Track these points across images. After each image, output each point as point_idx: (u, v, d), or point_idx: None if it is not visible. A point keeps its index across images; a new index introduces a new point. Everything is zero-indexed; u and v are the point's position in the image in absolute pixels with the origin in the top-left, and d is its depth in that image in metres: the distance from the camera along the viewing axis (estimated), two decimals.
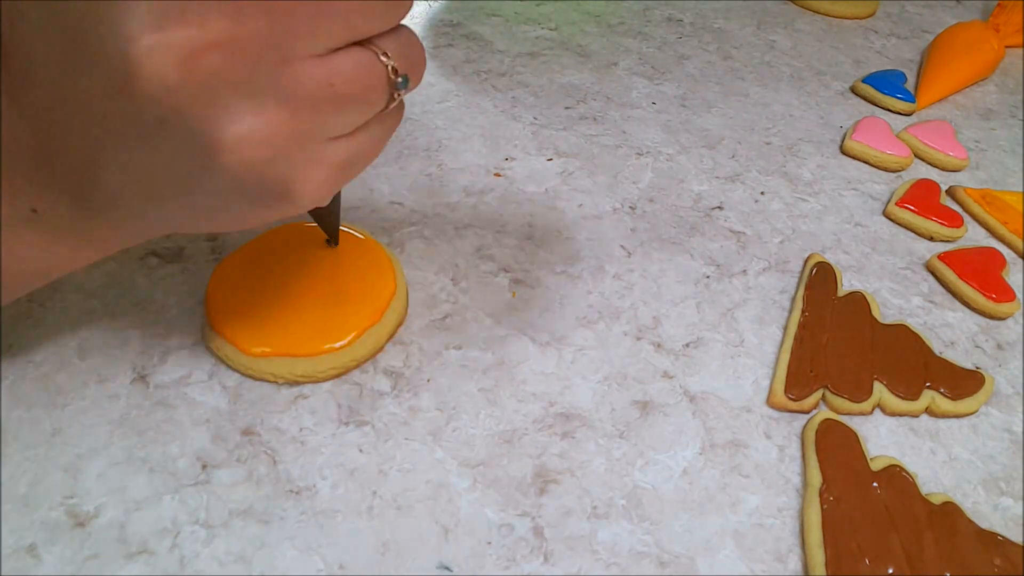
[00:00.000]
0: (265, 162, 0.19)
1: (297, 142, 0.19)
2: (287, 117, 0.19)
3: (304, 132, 0.19)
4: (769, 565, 0.25)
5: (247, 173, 0.19)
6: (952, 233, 0.39)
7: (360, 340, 0.29)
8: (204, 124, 0.18)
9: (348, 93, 0.20)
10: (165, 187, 0.20)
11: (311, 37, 0.18)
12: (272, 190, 0.20)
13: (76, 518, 0.24)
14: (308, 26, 0.18)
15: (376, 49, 0.20)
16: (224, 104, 0.18)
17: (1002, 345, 0.34)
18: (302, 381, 0.29)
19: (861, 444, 0.29)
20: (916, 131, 0.46)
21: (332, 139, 0.21)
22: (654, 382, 0.31)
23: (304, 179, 0.20)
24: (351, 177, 0.23)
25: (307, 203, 0.21)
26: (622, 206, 0.39)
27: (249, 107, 0.18)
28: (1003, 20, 0.57)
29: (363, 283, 0.31)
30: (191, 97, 0.17)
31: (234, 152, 0.18)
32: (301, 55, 0.18)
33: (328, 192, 0.21)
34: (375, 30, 0.20)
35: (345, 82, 0.19)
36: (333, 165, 0.21)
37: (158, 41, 0.16)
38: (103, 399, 0.28)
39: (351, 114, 0.20)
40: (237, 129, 0.18)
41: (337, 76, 0.19)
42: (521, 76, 0.48)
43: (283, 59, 0.18)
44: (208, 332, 0.29)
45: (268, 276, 0.31)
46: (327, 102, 0.19)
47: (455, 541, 0.25)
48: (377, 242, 0.33)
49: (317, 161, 0.20)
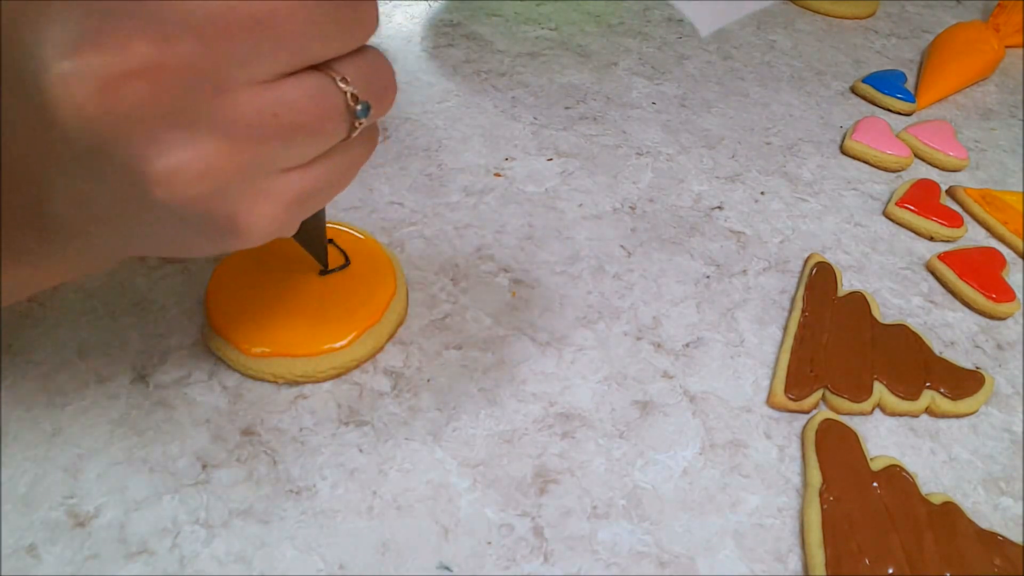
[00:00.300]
0: (203, 197, 0.17)
1: (240, 175, 0.18)
2: (225, 150, 0.17)
3: (248, 165, 0.18)
4: (769, 565, 0.25)
5: (186, 207, 0.17)
6: (952, 233, 0.39)
7: (360, 340, 0.29)
8: (131, 156, 0.16)
9: (298, 123, 0.18)
10: (111, 215, 0.19)
11: (253, 63, 0.17)
12: (217, 224, 0.18)
13: (76, 518, 0.24)
14: (249, 50, 0.16)
15: (334, 74, 0.18)
16: (152, 136, 0.16)
17: (1002, 345, 0.34)
18: (302, 381, 0.29)
19: (861, 444, 0.29)
20: (916, 131, 0.46)
21: (284, 171, 0.19)
22: (654, 382, 0.31)
23: (251, 213, 0.19)
24: (313, 209, 0.21)
25: (257, 238, 0.19)
26: (622, 206, 0.39)
27: (179, 139, 0.16)
28: (1003, 20, 0.57)
29: (363, 283, 0.31)
30: (114, 128, 0.16)
31: (166, 186, 0.17)
32: (240, 82, 0.17)
33: (283, 225, 0.20)
34: (332, 53, 0.18)
35: (294, 112, 0.18)
36: (285, 198, 0.19)
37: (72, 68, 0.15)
38: (103, 399, 0.28)
39: (303, 145, 0.19)
40: (167, 162, 0.16)
41: (283, 105, 0.17)
42: (521, 76, 0.48)
43: (219, 87, 0.16)
44: (208, 332, 0.29)
45: (268, 276, 0.31)
46: (272, 133, 0.18)
47: (455, 541, 0.25)
48: (377, 242, 0.33)
49: (266, 194, 0.19)
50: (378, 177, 0.39)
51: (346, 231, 0.33)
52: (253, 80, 0.17)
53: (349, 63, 0.19)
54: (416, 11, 0.54)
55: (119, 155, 0.16)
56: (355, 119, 0.19)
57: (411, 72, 0.47)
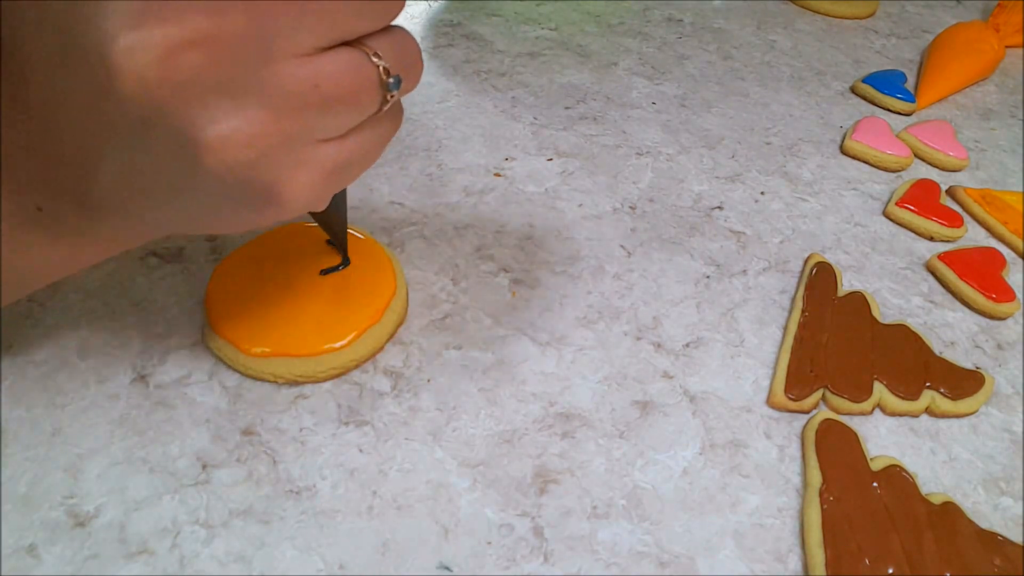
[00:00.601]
0: (249, 164, 0.18)
1: (282, 144, 0.19)
2: (270, 118, 0.18)
3: (290, 134, 0.19)
4: (769, 565, 0.25)
5: (231, 175, 0.18)
6: (952, 233, 0.39)
7: (360, 340, 0.29)
8: (185, 124, 0.17)
9: (336, 94, 0.19)
10: (158, 188, 0.19)
11: (295, 36, 0.18)
12: (259, 193, 0.19)
13: (76, 518, 0.24)
14: (292, 24, 0.17)
15: (367, 49, 0.19)
16: (205, 104, 0.17)
17: (1002, 345, 0.34)
18: (302, 381, 0.29)
19: (861, 444, 0.29)
20: (916, 131, 0.46)
21: (322, 141, 0.20)
22: (654, 382, 0.31)
23: (291, 182, 0.19)
24: (346, 182, 0.22)
25: (297, 207, 0.20)
26: (622, 206, 0.39)
27: (230, 107, 0.17)
28: (1003, 20, 0.57)
29: (363, 283, 0.31)
30: (171, 96, 0.17)
31: (216, 153, 0.18)
32: (285, 54, 0.18)
33: (319, 196, 0.21)
34: (365, 29, 0.19)
35: (332, 83, 0.19)
36: (323, 168, 0.20)
37: (136, 39, 0.16)
38: (103, 399, 0.28)
39: (340, 116, 0.20)
40: (218, 129, 0.17)
41: (323, 77, 0.18)
42: (521, 76, 0.48)
43: (266, 58, 0.17)
44: (208, 332, 0.29)
45: (268, 276, 0.31)
46: (313, 103, 0.19)
47: (455, 541, 0.25)
48: (377, 242, 0.33)
49: (305, 164, 0.20)
50: (378, 177, 0.39)
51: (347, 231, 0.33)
52: (296, 52, 0.18)
53: (381, 39, 0.20)
54: (416, 11, 0.54)
55: (174, 122, 0.17)
56: (387, 92, 0.20)
57: None
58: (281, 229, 0.33)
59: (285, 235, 0.33)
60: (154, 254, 0.33)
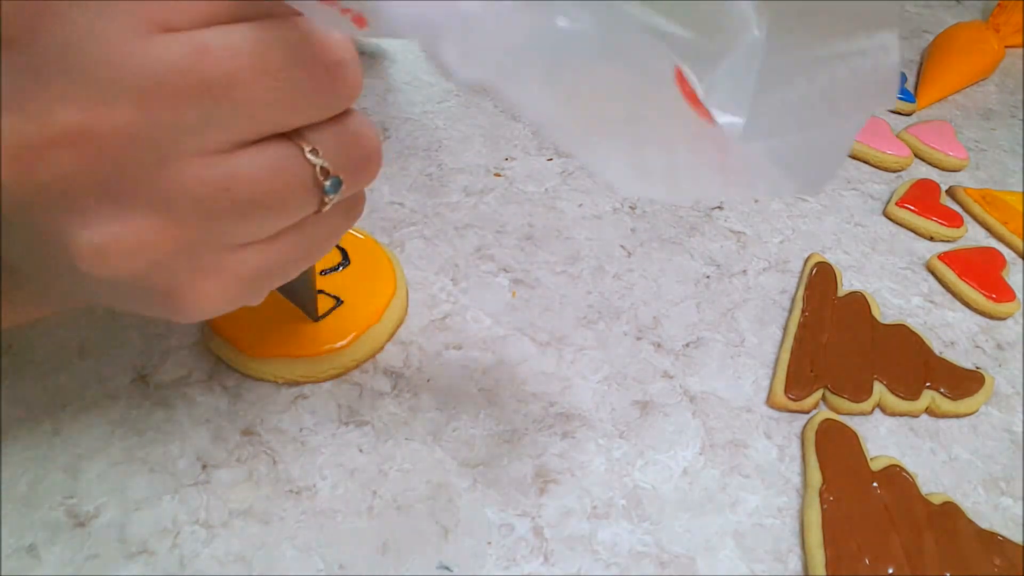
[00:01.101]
0: (138, 272, 0.16)
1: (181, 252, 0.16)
2: (164, 225, 0.15)
3: (191, 241, 0.16)
4: (769, 565, 0.25)
5: (117, 280, 0.16)
6: (952, 233, 0.39)
7: (360, 340, 0.29)
8: (53, 228, 0.15)
9: (253, 198, 0.16)
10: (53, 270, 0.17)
11: (203, 132, 0.15)
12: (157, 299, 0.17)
13: (76, 518, 0.24)
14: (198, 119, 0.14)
15: (303, 144, 0.16)
16: (76, 208, 0.15)
17: (1002, 345, 0.34)
18: (302, 381, 0.29)
19: (861, 444, 0.29)
20: (916, 131, 0.46)
21: (239, 246, 0.17)
22: (654, 382, 0.31)
23: (194, 291, 0.17)
24: (277, 283, 0.19)
25: (200, 315, 0.17)
26: (622, 206, 0.39)
27: (110, 213, 0.15)
28: (1003, 20, 0.57)
29: (363, 283, 0.31)
30: (32, 197, 0.14)
31: (92, 261, 0.15)
32: (188, 152, 0.15)
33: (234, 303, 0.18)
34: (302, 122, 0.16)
35: (249, 186, 0.15)
36: (238, 275, 0.17)
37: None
38: (103, 399, 0.28)
39: (261, 221, 0.16)
40: (92, 237, 0.15)
41: (237, 179, 0.15)
42: None
43: (162, 157, 0.15)
44: (208, 332, 0.29)
45: None
46: (223, 209, 0.15)
47: (455, 541, 0.25)
48: (377, 242, 0.33)
49: (213, 271, 0.17)
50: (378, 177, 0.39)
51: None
52: (203, 151, 0.15)
53: (324, 132, 0.17)
54: None
55: (41, 224, 0.15)
56: (324, 195, 0.17)
57: (411, 72, 0.47)
58: None
59: None
60: None
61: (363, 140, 0.18)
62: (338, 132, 0.17)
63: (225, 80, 0.14)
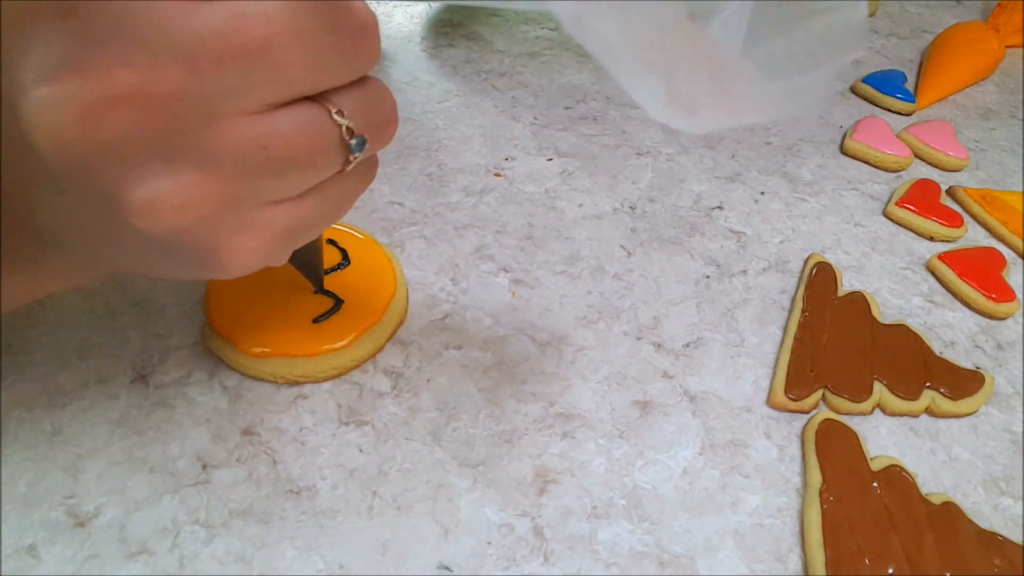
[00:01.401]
0: (183, 228, 0.17)
1: (223, 208, 0.17)
2: (208, 182, 0.16)
3: (232, 197, 0.17)
4: (769, 565, 0.25)
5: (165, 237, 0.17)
6: (952, 233, 0.39)
7: (360, 340, 0.29)
8: (109, 185, 0.16)
9: (288, 156, 0.17)
10: (95, 233, 0.18)
11: (243, 93, 0.16)
12: (198, 255, 0.18)
13: (76, 518, 0.24)
14: (240, 80, 0.16)
15: (329, 106, 0.18)
16: (132, 165, 0.16)
17: (1002, 345, 0.34)
18: (302, 381, 0.29)
19: (861, 444, 0.29)
20: (916, 131, 0.46)
21: (271, 203, 0.18)
22: (654, 382, 0.31)
23: (233, 247, 0.18)
24: (302, 242, 0.20)
25: (238, 271, 0.19)
26: (622, 206, 0.39)
27: (162, 169, 0.16)
28: (1003, 20, 0.57)
29: (363, 283, 0.31)
30: (92, 156, 0.15)
31: (144, 217, 0.16)
32: (230, 113, 0.16)
33: (268, 258, 0.19)
34: (329, 84, 0.18)
35: (284, 144, 0.17)
36: (272, 232, 0.18)
37: (50, 95, 0.15)
38: (103, 399, 0.28)
39: (294, 178, 0.18)
40: (146, 193, 0.16)
41: (274, 137, 0.17)
42: (521, 76, 0.48)
43: (207, 117, 0.16)
44: (208, 332, 0.29)
45: (269, 276, 0.30)
46: (261, 166, 0.17)
47: (455, 541, 0.25)
48: (377, 242, 0.33)
49: (250, 227, 0.18)
50: (378, 177, 0.38)
51: (346, 231, 0.33)
52: (243, 110, 0.16)
53: (347, 95, 0.18)
54: (416, 11, 0.54)
55: (96, 183, 0.16)
56: (349, 153, 0.19)
57: (411, 72, 0.47)
58: None
59: None
60: None
61: (383, 103, 0.19)
62: (361, 95, 0.18)
63: (262, 44, 0.16)
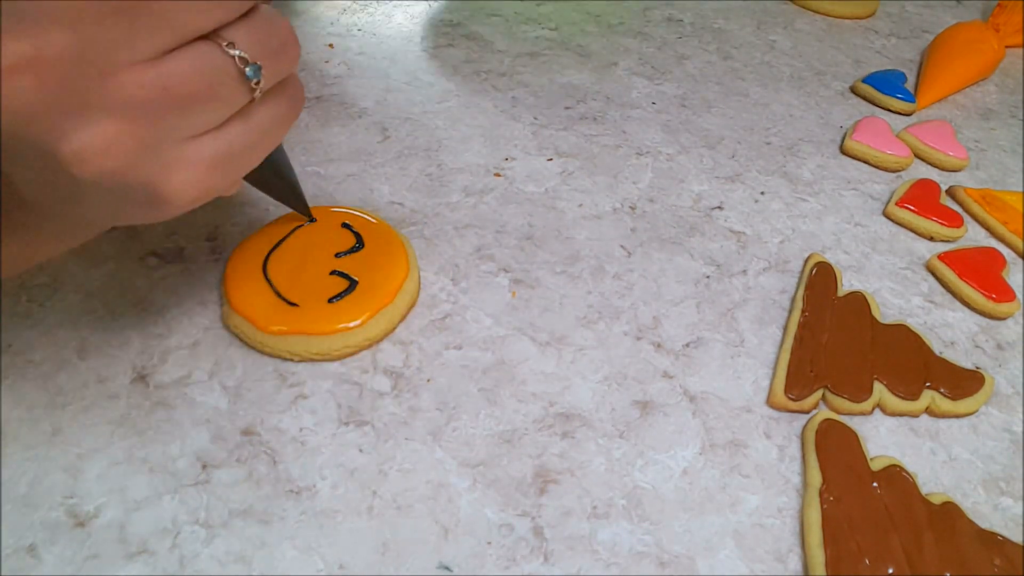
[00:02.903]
0: (116, 171, 0.18)
1: (145, 147, 0.19)
2: (124, 124, 0.18)
3: (151, 137, 0.19)
4: (769, 565, 0.25)
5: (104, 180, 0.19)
6: (952, 233, 0.39)
7: (374, 320, 0.30)
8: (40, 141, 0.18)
9: (189, 92, 0.19)
10: (59, 192, 0.20)
11: (132, 43, 0.18)
12: (142, 194, 0.19)
13: (76, 518, 0.24)
14: (126, 33, 0.17)
15: (220, 40, 0.19)
16: (52, 123, 0.17)
17: (1002, 345, 0.34)
18: (317, 359, 0.29)
19: (861, 444, 0.29)
20: (916, 131, 0.46)
21: (194, 137, 0.20)
22: (654, 382, 0.31)
23: (170, 181, 0.20)
24: (242, 168, 0.22)
25: (184, 203, 0.20)
26: (622, 206, 0.39)
27: (80, 122, 0.18)
28: (1003, 20, 0.57)
29: (376, 265, 0.31)
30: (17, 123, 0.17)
31: (78, 164, 0.18)
32: (123, 63, 0.18)
33: (209, 189, 0.21)
34: (216, 23, 0.19)
35: (183, 83, 0.19)
36: (203, 162, 0.20)
37: None
38: (103, 399, 0.28)
39: (203, 112, 0.20)
40: (71, 144, 0.18)
41: (171, 78, 0.18)
42: (521, 76, 0.48)
43: (103, 71, 0.17)
44: (227, 311, 0.30)
45: (285, 257, 0.31)
46: (167, 105, 0.19)
47: (455, 541, 0.25)
48: (390, 226, 0.34)
49: (179, 161, 0.20)
50: (378, 177, 0.39)
51: (359, 215, 0.34)
52: (136, 59, 0.18)
53: (237, 28, 0.20)
54: (416, 11, 0.54)
55: (31, 141, 0.18)
56: (250, 81, 0.20)
57: (411, 72, 0.47)
58: (295, 212, 0.33)
59: (300, 218, 0.33)
60: (154, 254, 0.33)
61: (275, 29, 0.21)
62: (251, 26, 0.20)
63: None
